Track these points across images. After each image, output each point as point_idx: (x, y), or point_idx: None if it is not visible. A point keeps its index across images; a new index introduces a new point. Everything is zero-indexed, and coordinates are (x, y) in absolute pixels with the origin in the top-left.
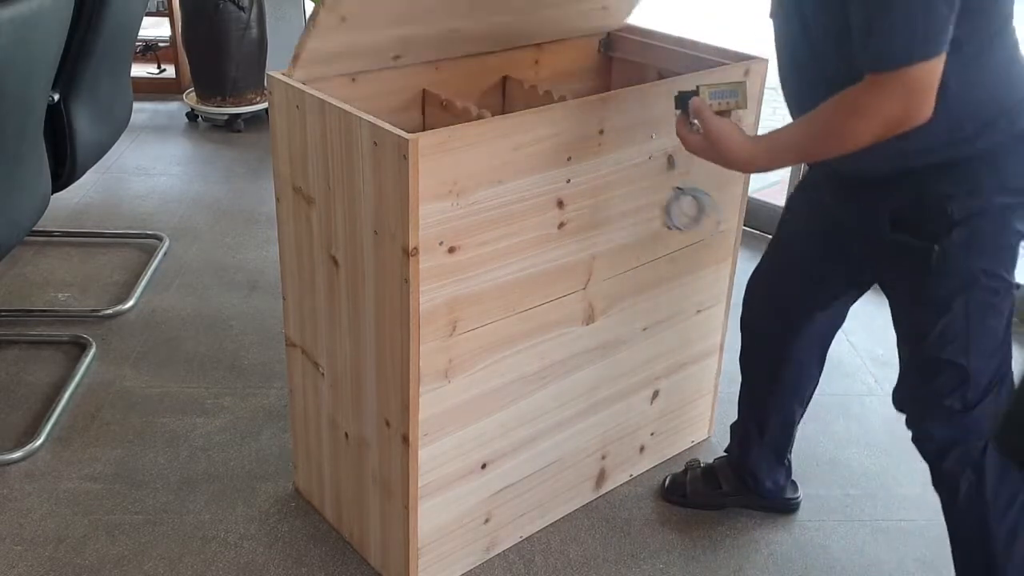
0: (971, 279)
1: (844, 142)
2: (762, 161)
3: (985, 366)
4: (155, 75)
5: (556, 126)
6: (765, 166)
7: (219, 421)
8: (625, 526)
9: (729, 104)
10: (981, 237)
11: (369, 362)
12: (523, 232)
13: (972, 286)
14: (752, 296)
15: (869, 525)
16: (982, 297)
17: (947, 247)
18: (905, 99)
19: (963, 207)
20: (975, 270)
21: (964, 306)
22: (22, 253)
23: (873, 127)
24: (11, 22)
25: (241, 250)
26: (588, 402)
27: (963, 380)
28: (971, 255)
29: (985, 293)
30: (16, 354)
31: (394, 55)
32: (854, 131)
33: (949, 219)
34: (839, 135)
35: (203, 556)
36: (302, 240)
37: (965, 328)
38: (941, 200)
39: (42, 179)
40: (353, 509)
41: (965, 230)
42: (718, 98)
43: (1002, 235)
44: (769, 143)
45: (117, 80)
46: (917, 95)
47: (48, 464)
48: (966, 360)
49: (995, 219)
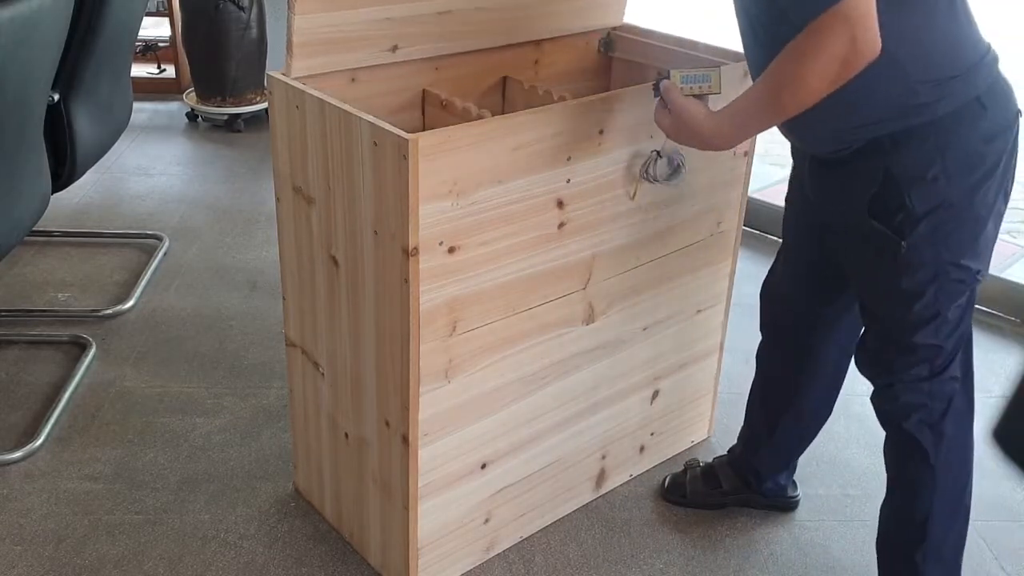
0: (940, 270)
1: (799, 92)
2: (727, 131)
3: (952, 335)
4: (155, 75)
5: (556, 126)
6: (732, 135)
7: (219, 421)
8: (625, 526)
9: (702, 88)
10: (948, 229)
11: (369, 362)
12: (523, 232)
13: (940, 276)
14: (766, 294)
15: (869, 525)
16: (951, 286)
17: (914, 241)
18: (848, 31)
19: (926, 198)
20: (943, 261)
21: (935, 294)
22: (22, 253)
23: (824, 68)
24: (11, 22)
25: (241, 250)
26: (588, 402)
27: (935, 355)
28: (939, 247)
29: (954, 282)
30: (16, 354)
31: (391, 45)
32: (806, 76)
33: (914, 212)
34: (793, 84)
35: (203, 556)
36: (302, 240)
37: (936, 313)
38: (904, 187)
39: (42, 179)
40: (353, 509)
41: (930, 224)
42: (690, 82)
43: (966, 225)
44: (730, 112)
45: (117, 80)
46: (859, 25)
47: (48, 464)
48: (936, 339)
49: (961, 209)
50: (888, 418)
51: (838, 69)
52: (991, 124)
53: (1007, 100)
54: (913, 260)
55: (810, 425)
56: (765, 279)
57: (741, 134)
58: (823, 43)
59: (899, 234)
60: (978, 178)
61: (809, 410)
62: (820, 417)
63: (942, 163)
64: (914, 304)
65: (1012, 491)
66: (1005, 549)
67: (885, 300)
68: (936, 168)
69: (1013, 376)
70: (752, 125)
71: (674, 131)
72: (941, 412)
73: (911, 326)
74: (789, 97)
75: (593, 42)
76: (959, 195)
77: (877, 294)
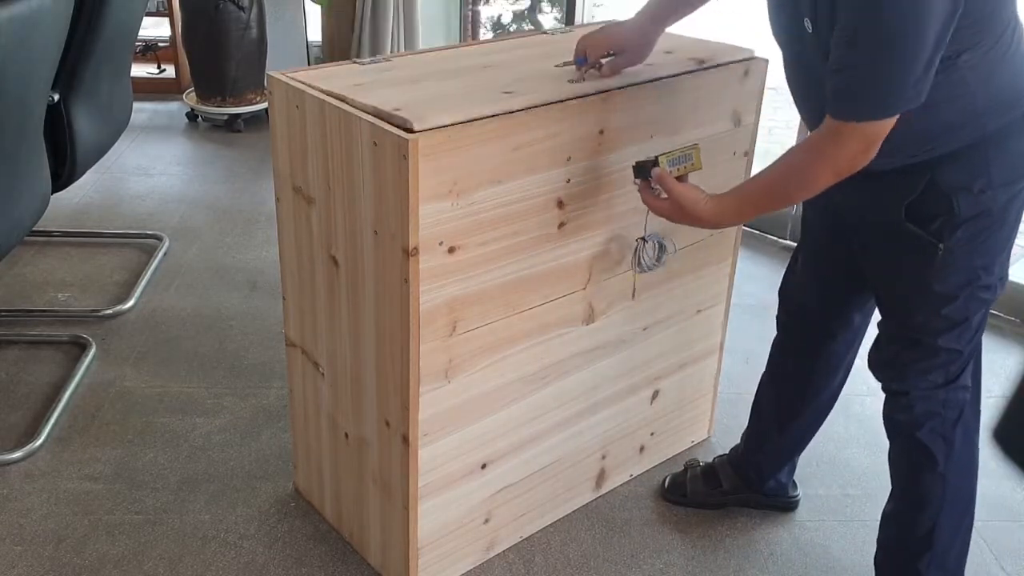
0: (972, 276)
1: (809, 187)
2: (729, 217)
3: (971, 342)
4: (155, 75)
5: (556, 126)
6: (733, 221)
7: (219, 421)
8: (625, 526)
9: (686, 168)
10: (984, 236)
11: (369, 362)
12: (523, 232)
13: (973, 281)
14: (785, 291)
15: (869, 525)
16: (980, 292)
17: (951, 246)
18: (859, 149)
19: (970, 205)
20: (976, 267)
21: (965, 300)
22: (22, 253)
23: (835, 169)
24: (11, 22)
25: (241, 250)
26: (588, 402)
27: (953, 361)
28: (974, 253)
29: (982, 288)
30: (16, 354)
31: None
32: (819, 176)
33: (956, 217)
34: (805, 182)
35: (203, 556)
36: (302, 240)
37: (964, 318)
38: (949, 195)
39: (42, 179)
40: (353, 509)
41: (970, 229)
42: (676, 165)
43: (1002, 233)
44: (736, 198)
45: (117, 80)
46: (870, 147)
47: (48, 464)
48: (958, 344)
49: (999, 217)
50: (900, 428)
51: (836, 174)
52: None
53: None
54: (948, 265)
55: (817, 421)
56: (784, 276)
57: (743, 218)
58: (841, 150)
59: (937, 238)
60: (1020, 188)
61: (819, 407)
62: (825, 413)
63: (987, 176)
64: (943, 308)
65: (1012, 491)
66: (1005, 549)
67: (913, 303)
68: (983, 180)
69: (1013, 376)
70: (755, 211)
71: (673, 215)
72: (953, 421)
73: (936, 331)
74: (797, 191)
75: None
76: (1000, 204)
77: (905, 297)
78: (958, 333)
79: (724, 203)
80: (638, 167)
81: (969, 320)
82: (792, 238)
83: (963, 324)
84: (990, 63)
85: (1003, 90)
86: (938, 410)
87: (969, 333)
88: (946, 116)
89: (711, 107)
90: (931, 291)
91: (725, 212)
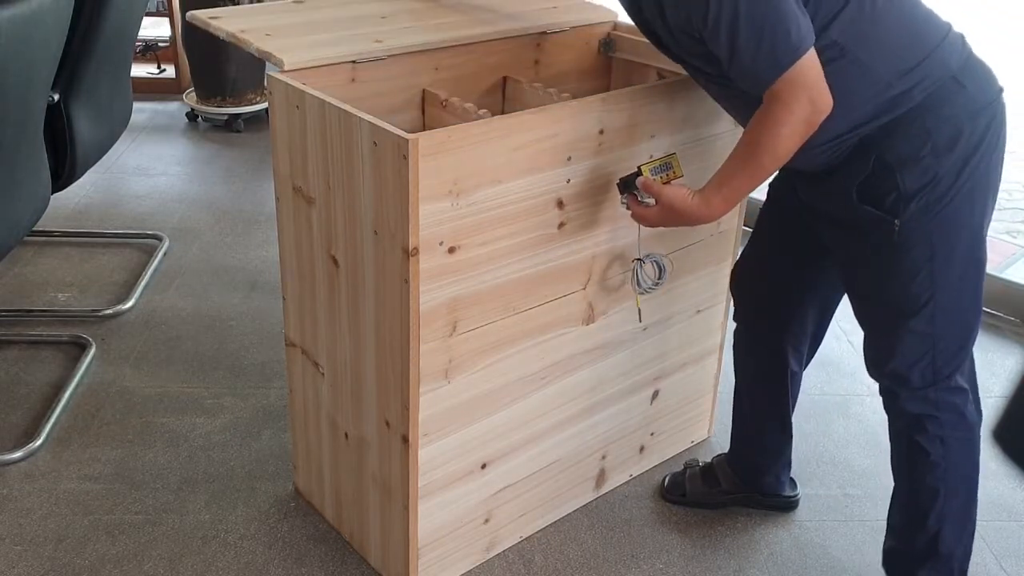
0: (936, 249)
1: (777, 153)
2: (716, 204)
3: (951, 334)
4: (155, 75)
5: (556, 126)
6: (720, 207)
7: (219, 421)
8: (625, 526)
9: (669, 176)
10: (938, 206)
11: (369, 362)
12: (523, 232)
13: (935, 257)
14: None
15: (869, 525)
16: (946, 268)
17: (907, 219)
18: (806, 94)
19: (916, 177)
20: (936, 239)
21: (930, 275)
22: (22, 253)
23: (792, 131)
24: (11, 22)
25: (241, 250)
26: (588, 402)
27: (929, 348)
28: (930, 225)
29: (949, 264)
30: (16, 354)
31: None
32: (780, 141)
33: (905, 191)
34: (769, 149)
35: (203, 556)
36: (302, 240)
37: (931, 296)
38: (895, 169)
39: (42, 179)
40: (353, 509)
41: (921, 201)
42: (658, 174)
43: (959, 202)
44: (717, 186)
45: (117, 80)
46: (813, 87)
47: (48, 464)
48: (931, 327)
49: (949, 185)
50: (899, 431)
51: (804, 128)
52: (972, 100)
53: (986, 76)
54: (907, 239)
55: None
56: (735, 268)
57: (729, 203)
58: (786, 110)
59: (892, 214)
60: (966, 153)
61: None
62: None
63: (931, 143)
64: (910, 285)
65: (1012, 491)
66: (1005, 549)
67: (880, 286)
68: (926, 149)
69: (1013, 376)
70: (739, 192)
71: (664, 219)
72: (952, 424)
73: (904, 311)
74: (769, 160)
75: (593, 42)
76: (948, 170)
77: (872, 282)
78: (928, 314)
79: (708, 193)
80: (622, 183)
81: (935, 299)
82: None
83: (931, 304)
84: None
85: (901, 52)
86: (932, 412)
87: (942, 315)
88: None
89: (711, 107)
90: (894, 270)
91: (712, 202)
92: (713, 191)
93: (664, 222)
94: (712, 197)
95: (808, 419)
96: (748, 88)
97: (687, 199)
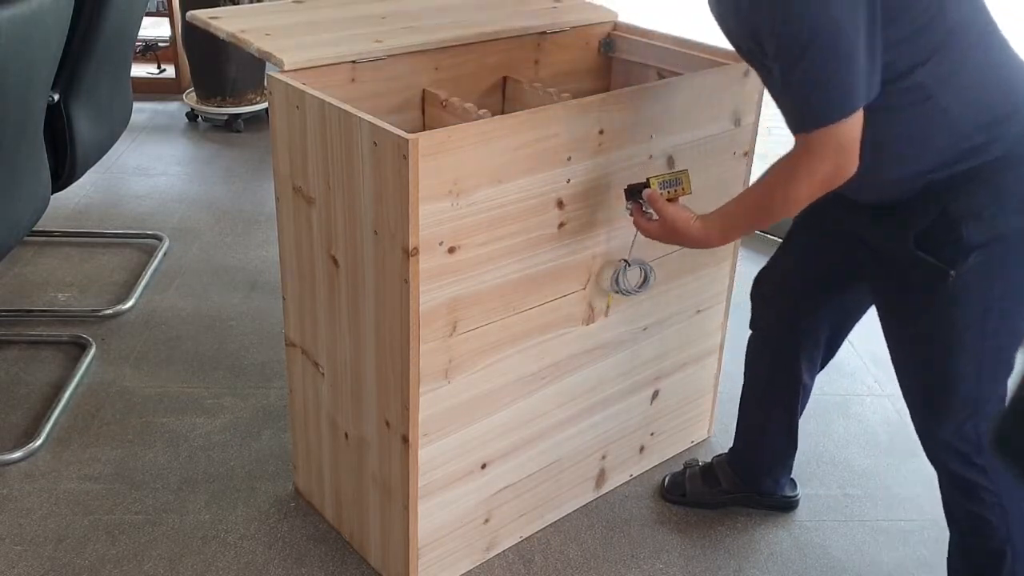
0: (988, 307)
1: (789, 206)
2: (716, 236)
3: (993, 396)
4: (155, 75)
5: (556, 126)
6: (720, 240)
7: (219, 421)
8: (625, 526)
9: (676, 192)
10: (998, 265)
11: (369, 362)
12: (523, 232)
13: (988, 315)
14: (762, 285)
15: (869, 525)
16: (996, 326)
17: (963, 272)
18: (836, 157)
19: (981, 231)
20: (990, 299)
21: (980, 334)
22: (22, 253)
23: (809, 188)
24: (11, 22)
25: (241, 250)
26: (588, 402)
27: (976, 409)
28: (987, 283)
29: (999, 322)
30: (16, 354)
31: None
32: (795, 195)
33: (966, 243)
34: (782, 202)
35: (203, 556)
36: (302, 240)
37: (979, 355)
38: (959, 221)
39: (42, 179)
40: (353, 509)
41: (982, 255)
42: (666, 188)
43: (1019, 267)
44: (721, 217)
45: (117, 80)
46: (845, 151)
47: (48, 464)
48: (976, 388)
49: (1012, 247)
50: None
51: (821, 188)
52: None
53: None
54: (960, 292)
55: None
56: (760, 275)
57: (727, 238)
58: (812, 166)
59: (949, 264)
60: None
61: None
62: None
63: (1002, 201)
64: (955, 343)
65: None
66: None
67: (925, 337)
68: (996, 206)
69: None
70: (741, 231)
71: (663, 236)
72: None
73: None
74: (779, 209)
75: (593, 42)
76: (1014, 230)
77: (917, 332)
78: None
79: (711, 222)
80: (629, 190)
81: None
82: None
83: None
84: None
85: (987, 105)
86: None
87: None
88: (926, 130)
89: (711, 107)
90: (943, 321)
91: (712, 232)
92: (715, 222)
93: (662, 238)
94: (713, 228)
95: (808, 419)
96: (784, 118)
97: (689, 222)
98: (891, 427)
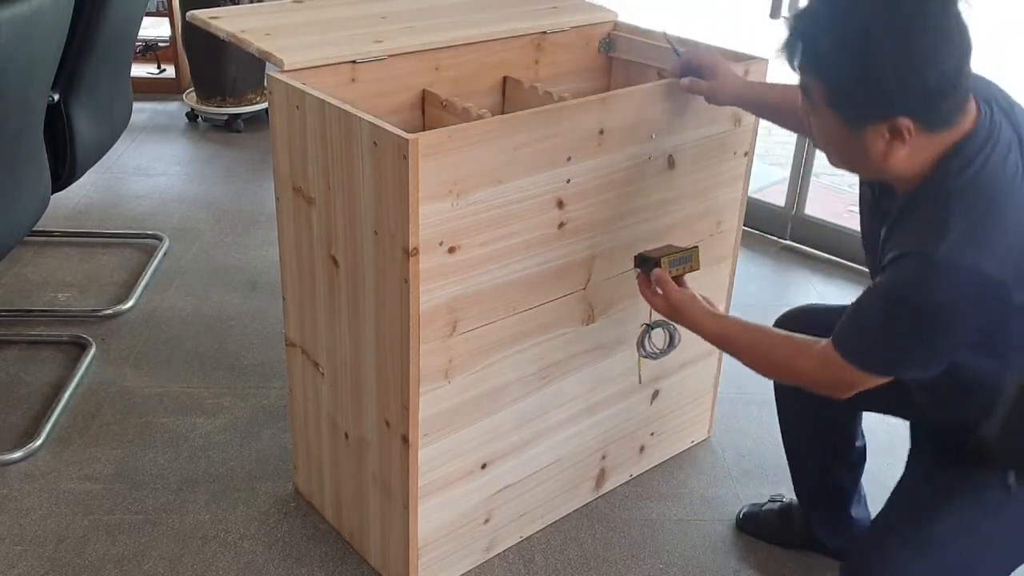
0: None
1: (778, 375)
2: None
3: None
4: (155, 75)
5: (556, 126)
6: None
7: (219, 421)
8: (625, 526)
9: (684, 269)
10: None
11: (369, 362)
12: (523, 232)
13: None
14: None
15: None
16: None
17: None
18: (838, 383)
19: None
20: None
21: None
22: (22, 253)
23: (807, 378)
24: (11, 22)
25: (241, 250)
26: (588, 402)
27: None
28: None
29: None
30: (16, 354)
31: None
32: (793, 372)
33: None
34: (778, 371)
35: (203, 556)
36: (302, 240)
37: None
38: None
39: (42, 179)
40: (353, 509)
41: None
42: (676, 266)
43: None
44: (719, 327)
45: (117, 80)
46: (849, 387)
47: (48, 464)
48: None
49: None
50: None
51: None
52: None
53: None
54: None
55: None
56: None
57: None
58: (820, 370)
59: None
60: None
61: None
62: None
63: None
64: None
65: None
66: None
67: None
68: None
69: None
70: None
71: (666, 314)
72: None
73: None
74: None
75: (593, 42)
76: None
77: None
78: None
79: (709, 323)
80: (640, 260)
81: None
82: (792, 238)
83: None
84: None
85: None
86: None
87: None
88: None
89: (711, 107)
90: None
91: (709, 331)
92: (714, 326)
93: (665, 315)
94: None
95: None
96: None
97: (696, 308)
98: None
